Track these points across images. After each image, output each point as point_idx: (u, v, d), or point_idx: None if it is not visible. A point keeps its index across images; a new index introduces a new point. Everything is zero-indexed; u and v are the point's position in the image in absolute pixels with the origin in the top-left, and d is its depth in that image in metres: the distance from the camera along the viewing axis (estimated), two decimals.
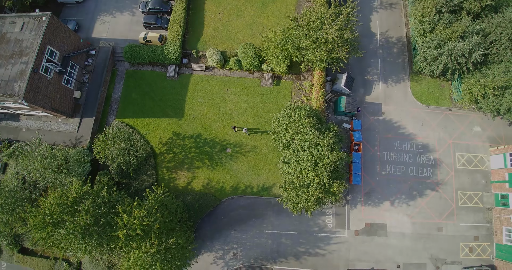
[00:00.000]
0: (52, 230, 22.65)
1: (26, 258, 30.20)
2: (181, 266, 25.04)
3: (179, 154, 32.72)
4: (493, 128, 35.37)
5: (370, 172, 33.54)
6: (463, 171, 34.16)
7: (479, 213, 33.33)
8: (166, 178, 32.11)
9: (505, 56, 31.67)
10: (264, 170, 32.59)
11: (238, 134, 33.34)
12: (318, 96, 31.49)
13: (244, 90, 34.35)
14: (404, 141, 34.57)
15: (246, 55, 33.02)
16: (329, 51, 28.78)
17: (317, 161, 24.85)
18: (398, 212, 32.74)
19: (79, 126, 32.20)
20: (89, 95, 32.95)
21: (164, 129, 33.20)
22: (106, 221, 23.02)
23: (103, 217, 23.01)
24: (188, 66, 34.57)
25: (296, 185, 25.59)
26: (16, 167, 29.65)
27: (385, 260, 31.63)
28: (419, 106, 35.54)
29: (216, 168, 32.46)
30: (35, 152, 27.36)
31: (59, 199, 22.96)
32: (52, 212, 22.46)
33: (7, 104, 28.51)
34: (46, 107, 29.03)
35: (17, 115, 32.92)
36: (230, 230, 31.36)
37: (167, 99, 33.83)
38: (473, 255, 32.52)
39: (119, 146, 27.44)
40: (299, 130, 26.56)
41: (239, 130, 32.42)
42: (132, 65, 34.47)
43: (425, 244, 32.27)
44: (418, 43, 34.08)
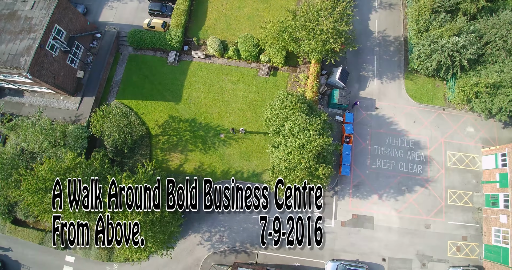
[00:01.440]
0: (44, 195, 23.48)
1: (18, 229, 30.97)
2: (166, 241, 25.54)
3: (174, 136, 33.59)
4: (487, 129, 35.64)
5: (360, 165, 33.94)
6: (453, 170, 34.35)
7: (468, 213, 33.34)
8: (159, 159, 32.92)
9: (499, 57, 32.25)
10: (255, 156, 33.22)
11: (233, 120, 34.16)
12: (312, 86, 32.26)
13: (241, 79, 35.32)
14: (395, 136, 34.99)
15: (245, 45, 34.10)
16: (324, 42, 29.67)
17: (305, 145, 25.44)
18: (386, 206, 32.93)
19: (80, 105, 33.38)
20: (91, 76, 34.21)
21: (161, 112, 34.19)
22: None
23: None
24: (188, 53, 35.76)
25: (283, 168, 26.13)
26: (16, 139, 30.72)
27: (371, 252, 31.70)
28: (413, 104, 36.06)
29: (209, 152, 33.20)
30: (35, 124, 28.44)
31: (53, 166, 23.85)
32: (45, 177, 23.32)
33: (13, 77, 29.82)
34: (50, 82, 30.27)
35: (21, 91, 34.26)
36: (218, 213, 31.86)
37: (166, 84, 34.93)
38: (461, 254, 32.41)
39: (115, 122, 28.41)
40: (289, 115, 27.27)
41: (237, 132, 33.12)
42: (135, 49, 35.79)
43: (412, 240, 32.30)
44: (414, 41, 34.86)
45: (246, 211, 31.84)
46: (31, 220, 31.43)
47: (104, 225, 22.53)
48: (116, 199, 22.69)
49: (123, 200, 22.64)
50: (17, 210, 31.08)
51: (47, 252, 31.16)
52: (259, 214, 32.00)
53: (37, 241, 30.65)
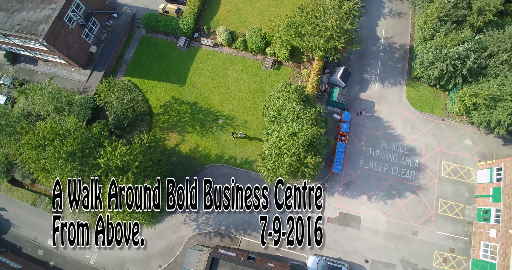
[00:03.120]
0: (41, 153, 24.49)
1: (14, 189, 32.05)
2: (153, 213, 26.15)
3: (174, 117, 34.56)
4: (485, 144, 35.46)
5: (352, 165, 34.11)
6: (447, 180, 34.16)
7: (458, 225, 32.94)
8: (157, 136, 33.84)
9: (502, 71, 32.42)
10: (250, 145, 33.81)
11: (232, 108, 34.99)
12: (312, 81, 32.95)
13: (245, 69, 36.31)
14: (391, 140, 35.16)
15: (253, 37, 35.22)
16: (328, 39, 30.48)
17: (297, 132, 25.96)
18: (374, 208, 32.86)
19: (89, 77, 34.82)
20: (103, 52, 35.73)
21: (165, 93, 35.32)
22: (90, 152, 24.70)
23: (88, 149, 24.73)
24: (198, 40, 37.10)
25: (273, 153, 26.63)
26: (24, 102, 32.15)
27: (354, 252, 31.52)
28: (412, 111, 36.29)
29: (206, 136, 33.98)
30: (44, 88, 29.84)
31: (54, 126, 24.96)
32: (45, 136, 24.39)
33: (29, 43, 31.49)
34: (63, 52, 31.81)
35: (36, 59, 35.99)
36: (207, 195, 32.32)
37: (173, 66, 36.18)
38: (447, 266, 31.91)
39: (119, 94, 29.55)
40: (285, 103, 27.92)
41: (236, 137, 33.58)
42: (148, 32, 37.34)
43: (397, 245, 32.01)
44: (419, 49, 35.39)
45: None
46: (27, 181, 32.52)
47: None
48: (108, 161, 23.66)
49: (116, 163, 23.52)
50: (15, 170, 32.25)
51: (38, 213, 32.06)
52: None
53: (30, 202, 31.63)
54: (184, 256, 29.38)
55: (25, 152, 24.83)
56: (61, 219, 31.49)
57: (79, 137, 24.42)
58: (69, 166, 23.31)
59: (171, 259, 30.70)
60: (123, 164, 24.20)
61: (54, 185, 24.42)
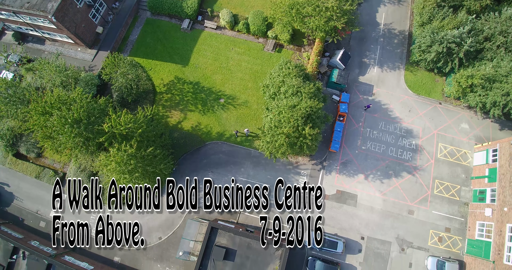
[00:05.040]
0: (47, 120, 25.28)
1: (18, 162, 32.80)
2: (155, 174, 26.76)
3: (177, 96, 35.40)
4: (482, 128, 36.06)
5: (350, 144, 34.78)
6: (443, 162, 34.74)
7: (454, 206, 33.44)
8: (160, 114, 34.64)
9: (498, 54, 33.15)
10: (251, 123, 34.56)
11: (234, 88, 35.83)
12: (312, 62, 33.78)
13: (247, 51, 37.21)
14: (389, 122, 35.84)
15: (255, 20, 36.17)
16: (328, 19, 31.37)
17: (296, 105, 26.71)
18: (371, 187, 33.44)
19: (95, 57, 35.77)
20: (109, 33, 36.74)
21: (168, 73, 36.21)
22: (95, 120, 25.49)
23: (94, 117, 25.53)
24: (201, 23, 38.08)
25: (272, 126, 27.35)
26: (31, 78, 33.03)
27: (350, 229, 32.05)
28: (410, 94, 37.02)
29: (207, 114, 34.76)
30: (51, 63, 30.75)
31: (61, 94, 25.79)
32: (52, 104, 25.20)
33: (38, 21, 32.49)
34: (70, 30, 32.79)
35: (43, 39, 36.99)
36: (207, 171, 33.02)
37: (176, 48, 37.12)
38: (442, 245, 32.35)
39: (124, 69, 30.43)
40: (285, 79, 28.71)
41: (241, 134, 33.79)
42: (153, 14, 38.37)
43: (393, 223, 32.52)
44: (417, 33, 36.22)
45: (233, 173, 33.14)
46: (32, 155, 33.28)
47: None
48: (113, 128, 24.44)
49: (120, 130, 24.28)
50: (20, 144, 33.04)
51: (41, 187, 32.77)
52: (246, 177, 33.08)
53: (33, 175, 32.35)
54: (183, 229, 29.98)
55: (32, 118, 25.59)
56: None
57: (85, 105, 25.24)
58: (74, 131, 24.07)
59: (171, 232, 31.29)
60: (127, 132, 24.96)
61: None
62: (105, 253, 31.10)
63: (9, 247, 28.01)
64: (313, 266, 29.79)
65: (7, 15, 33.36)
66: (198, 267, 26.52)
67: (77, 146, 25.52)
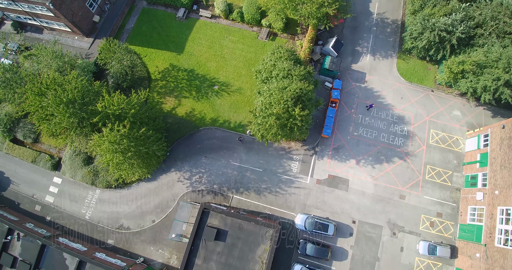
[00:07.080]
0: (43, 99, 25.82)
1: (15, 147, 33.35)
2: (148, 155, 27.16)
3: (171, 83, 35.95)
4: (474, 116, 36.32)
5: (342, 130, 35.14)
6: (435, 148, 35.02)
7: (446, 191, 33.67)
8: (155, 100, 35.18)
9: (489, 40, 33.50)
10: (244, 109, 35.02)
11: (228, 75, 36.35)
12: (305, 48, 34.26)
13: (241, 39, 37.77)
14: (381, 109, 36.20)
15: (249, 8, 36.76)
16: (320, 6, 31.89)
17: (286, 86, 27.15)
18: (362, 172, 33.74)
19: (91, 45, 36.44)
20: (106, 22, 37.44)
21: (163, 60, 36.79)
22: (90, 101, 26.03)
23: (88, 97, 26.08)
24: (196, 12, 38.72)
25: (263, 108, 27.78)
26: (29, 64, 33.64)
27: (341, 213, 32.32)
28: (402, 82, 37.40)
29: (201, 100, 35.27)
30: (48, 48, 31.40)
31: (57, 77, 26.36)
32: (48, 86, 25.76)
33: (36, 9, 33.19)
34: (68, 18, 33.47)
35: (41, 28, 37.70)
36: (201, 156, 33.47)
37: (171, 36, 37.73)
38: (434, 230, 32.56)
39: (119, 55, 31.01)
40: (277, 62, 29.19)
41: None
42: (149, 3, 39.05)
43: (384, 208, 32.77)
44: (409, 21, 36.68)
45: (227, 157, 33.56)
46: (28, 141, 33.84)
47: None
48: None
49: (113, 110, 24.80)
50: (17, 130, 33.62)
51: (37, 171, 33.30)
52: (239, 162, 33.47)
53: (30, 159, 32.88)
54: (176, 211, 30.38)
55: (28, 98, 26.15)
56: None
57: (80, 86, 25.80)
58: (69, 111, 24.60)
59: (165, 215, 31.69)
60: (120, 112, 25.45)
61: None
62: (98, 235, 31.53)
63: (4, 228, 28.47)
64: (304, 248, 30.07)
65: (6, 3, 34.13)
66: (190, 247, 26.86)
67: (72, 127, 26.01)
